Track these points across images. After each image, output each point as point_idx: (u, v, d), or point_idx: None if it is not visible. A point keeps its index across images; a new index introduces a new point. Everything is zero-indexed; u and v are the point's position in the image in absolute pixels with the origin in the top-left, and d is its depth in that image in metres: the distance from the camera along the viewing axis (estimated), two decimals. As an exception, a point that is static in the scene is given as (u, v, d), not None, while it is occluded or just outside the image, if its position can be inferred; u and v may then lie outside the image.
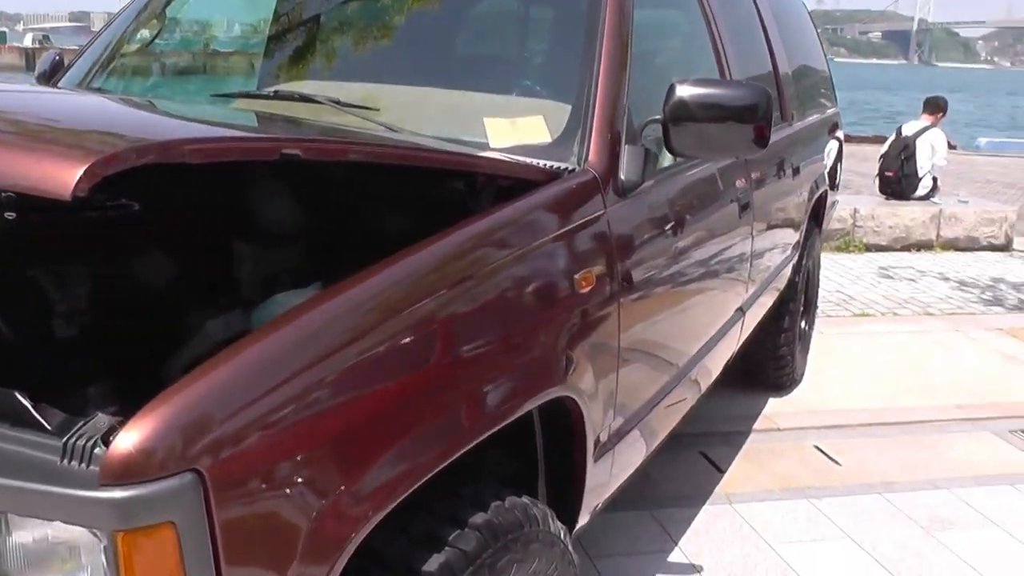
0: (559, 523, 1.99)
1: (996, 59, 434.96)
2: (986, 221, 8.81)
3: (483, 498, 1.79)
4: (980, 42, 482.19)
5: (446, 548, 1.67)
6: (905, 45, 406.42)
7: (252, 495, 1.32)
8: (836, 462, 4.07)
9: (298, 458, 1.37)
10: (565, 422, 2.08)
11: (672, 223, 2.61)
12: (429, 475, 1.59)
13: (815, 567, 3.22)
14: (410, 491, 1.55)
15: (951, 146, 12.69)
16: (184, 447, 1.24)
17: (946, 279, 7.57)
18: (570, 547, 2.03)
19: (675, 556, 3.23)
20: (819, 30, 5.51)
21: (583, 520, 2.30)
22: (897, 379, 5.12)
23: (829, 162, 5.29)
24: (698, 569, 3.16)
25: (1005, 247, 8.86)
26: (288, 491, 1.36)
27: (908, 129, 9.02)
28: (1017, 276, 7.88)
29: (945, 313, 6.58)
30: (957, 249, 8.64)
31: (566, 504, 2.20)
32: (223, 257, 2.46)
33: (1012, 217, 9.02)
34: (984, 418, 4.69)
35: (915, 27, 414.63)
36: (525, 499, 1.89)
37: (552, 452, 2.13)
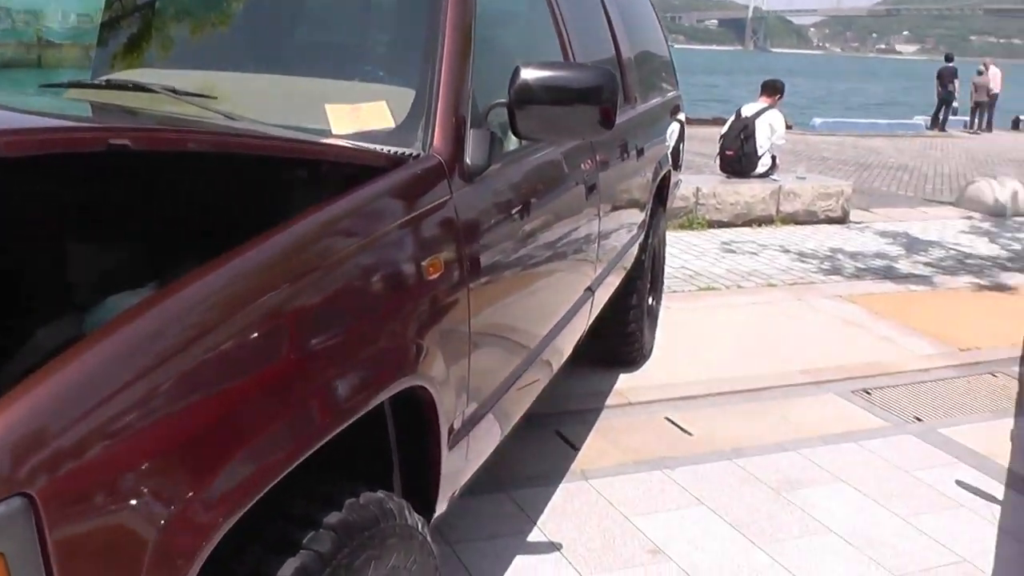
0: (416, 515, 1.97)
1: (828, 45, 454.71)
2: (823, 196, 9.20)
3: (337, 496, 1.75)
4: (812, 29, 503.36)
5: (301, 552, 1.62)
6: (741, 32, 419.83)
7: (91, 513, 1.24)
8: (687, 432, 4.19)
9: (140, 468, 1.31)
10: (418, 412, 2.07)
11: (519, 206, 2.62)
12: (281, 475, 1.54)
13: (671, 535, 3.31)
14: (262, 493, 1.51)
15: (788, 126, 13.20)
16: (12, 470, 1.15)
17: (787, 251, 7.87)
18: (428, 538, 2.02)
19: (535, 536, 3.26)
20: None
21: (441, 509, 2.29)
22: (743, 348, 5.30)
23: (672, 143, 5.42)
24: (558, 547, 3.19)
25: (842, 220, 9.28)
26: (131, 504, 1.29)
27: (747, 110, 9.32)
28: (854, 246, 8.27)
29: (787, 284, 6.84)
30: (797, 223, 8.99)
31: (423, 494, 2.18)
32: (54, 259, 2.34)
33: (848, 191, 9.46)
34: (827, 380, 4.91)
35: (750, 15, 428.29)
36: (380, 494, 1.86)
37: (406, 443, 2.11)
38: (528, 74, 2.32)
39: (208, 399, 1.44)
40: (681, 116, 5.71)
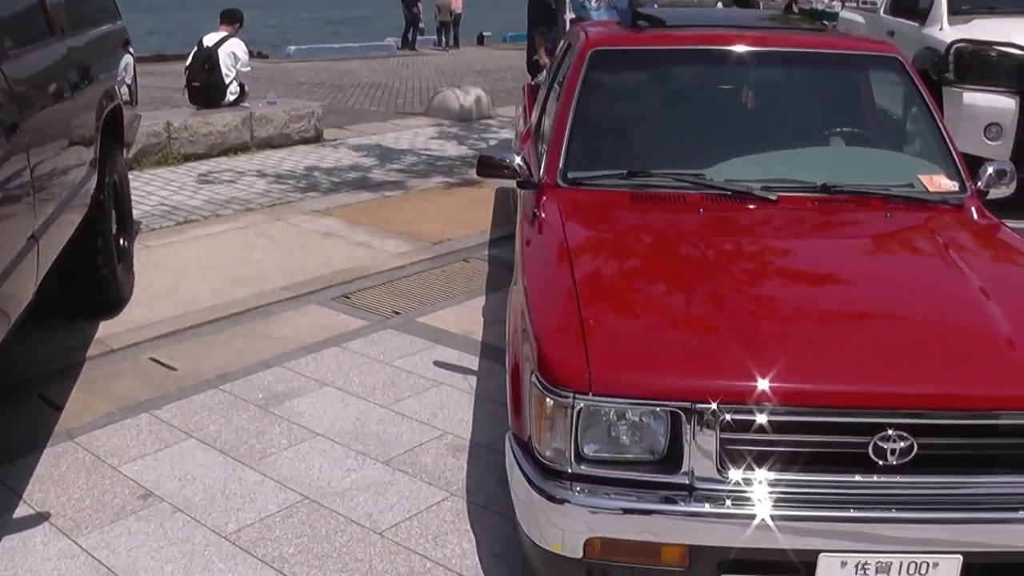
0: None
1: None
2: (296, 118, 9.32)
3: None
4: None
5: None
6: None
7: None
8: (173, 368, 4.11)
9: None
10: None
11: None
12: None
13: (161, 476, 3.27)
14: None
15: (262, 55, 13.13)
16: None
17: (264, 175, 7.88)
18: None
19: (21, 511, 3.06)
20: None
21: None
22: (225, 276, 5.27)
23: (127, 77, 5.17)
24: (46, 516, 3.02)
25: (316, 139, 9.47)
26: None
27: (208, 40, 9.10)
28: (329, 163, 8.49)
29: (265, 207, 6.86)
30: (272, 147, 9.00)
31: None
32: None
33: (319, 112, 9.66)
34: (309, 292, 5.05)
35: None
36: None
37: None
38: None
39: None
40: (131, 49, 5.44)
